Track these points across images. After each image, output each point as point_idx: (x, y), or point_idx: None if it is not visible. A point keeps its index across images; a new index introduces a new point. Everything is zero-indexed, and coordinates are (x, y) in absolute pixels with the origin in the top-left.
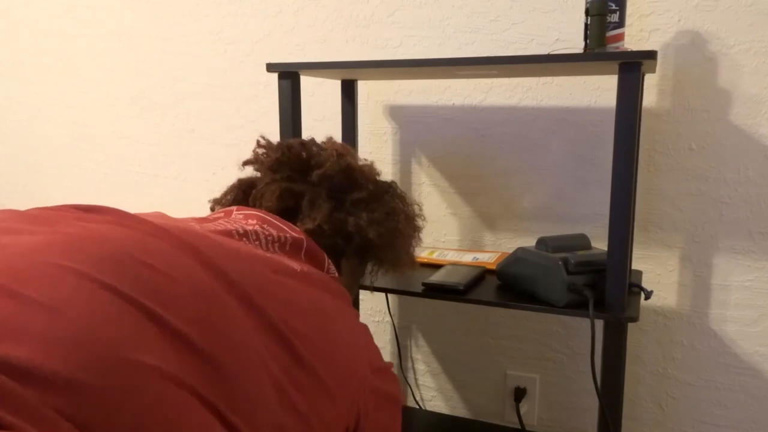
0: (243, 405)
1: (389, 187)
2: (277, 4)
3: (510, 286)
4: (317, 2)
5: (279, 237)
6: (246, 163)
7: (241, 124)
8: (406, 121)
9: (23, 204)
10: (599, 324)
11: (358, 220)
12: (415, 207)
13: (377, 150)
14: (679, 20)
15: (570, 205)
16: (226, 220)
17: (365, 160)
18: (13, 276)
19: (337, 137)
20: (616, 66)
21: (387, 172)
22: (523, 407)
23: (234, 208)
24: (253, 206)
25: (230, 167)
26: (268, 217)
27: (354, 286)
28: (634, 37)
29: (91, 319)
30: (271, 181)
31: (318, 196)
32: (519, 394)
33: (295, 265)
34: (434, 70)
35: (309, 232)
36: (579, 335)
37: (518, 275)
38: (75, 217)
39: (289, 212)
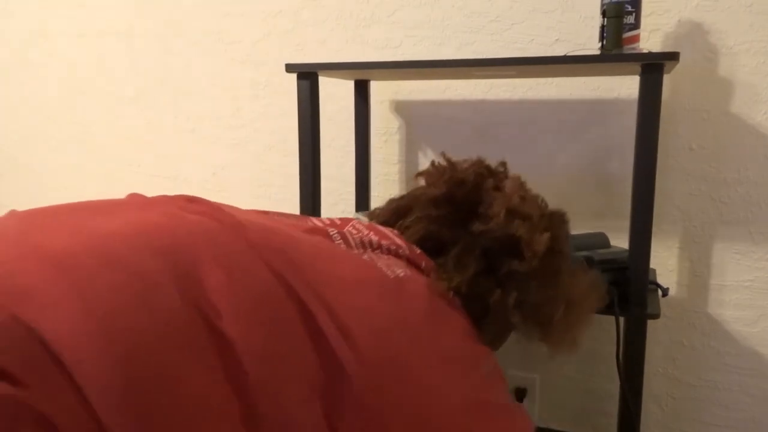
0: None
1: (560, 266)
2: (277, 4)
3: None
4: (317, 2)
5: (381, 243)
6: (419, 174)
7: (241, 124)
8: (407, 121)
9: (23, 204)
10: (609, 320)
11: (505, 297)
12: (594, 291)
13: (379, 149)
14: (679, 20)
15: (570, 205)
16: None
17: (549, 218)
18: (62, 257)
19: (348, 137)
20: (635, 67)
21: (389, 172)
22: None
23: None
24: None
25: (230, 167)
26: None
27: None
28: None
29: (107, 308)
30: (423, 216)
31: (469, 253)
32: (519, 394)
33: (394, 270)
34: (452, 71)
35: None
36: None
37: None
38: (178, 206)
39: (427, 252)
